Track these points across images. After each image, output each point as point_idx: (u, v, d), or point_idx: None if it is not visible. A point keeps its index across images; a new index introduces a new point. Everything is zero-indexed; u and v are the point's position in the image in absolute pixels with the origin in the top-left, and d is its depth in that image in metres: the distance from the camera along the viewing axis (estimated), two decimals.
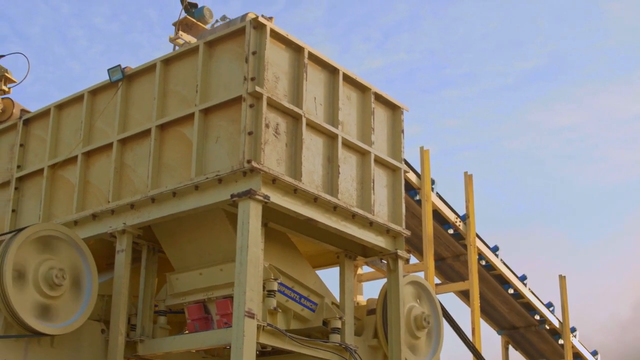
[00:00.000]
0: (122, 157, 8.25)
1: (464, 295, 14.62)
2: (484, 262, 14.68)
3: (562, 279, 16.30)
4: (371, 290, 19.16)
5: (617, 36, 39.06)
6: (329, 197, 7.72)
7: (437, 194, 13.69)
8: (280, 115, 7.50)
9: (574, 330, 16.32)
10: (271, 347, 7.48)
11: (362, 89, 8.50)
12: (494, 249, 14.80)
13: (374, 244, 8.32)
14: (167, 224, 8.01)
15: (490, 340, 16.86)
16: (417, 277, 9.33)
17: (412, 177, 13.26)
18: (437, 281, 14.40)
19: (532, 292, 15.60)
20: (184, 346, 7.82)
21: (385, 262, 8.67)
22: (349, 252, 8.58)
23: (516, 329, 16.39)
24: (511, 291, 15.25)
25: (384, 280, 8.95)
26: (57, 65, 36.29)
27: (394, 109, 8.86)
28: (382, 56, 38.84)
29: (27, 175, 9.16)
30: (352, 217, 8.02)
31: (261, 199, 7.09)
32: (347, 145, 8.14)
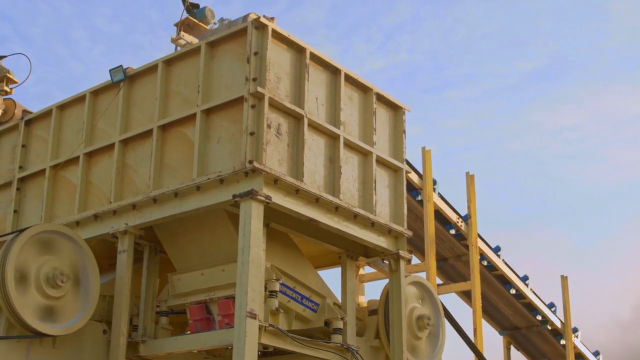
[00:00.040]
0: (124, 158, 8.25)
1: (466, 295, 14.60)
2: (485, 263, 14.64)
3: (563, 279, 16.30)
4: (373, 290, 19.17)
5: (618, 37, 39.09)
6: (330, 197, 7.72)
7: (439, 194, 13.68)
8: (282, 115, 7.49)
9: (576, 330, 16.29)
10: (273, 348, 7.47)
11: (363, 89, 8.49)
12: (496, 249, 14.78)
13: (375, 245, 8.31)
14: (168, 225, 8.01)
15: (492, 340, 16.87)
16: (418, 277, 9.33)
17: (413, 177, 13.26)
18: (438, 281, 14.39)
19: (534, 293, 15.58)
20: (186, 347, 7.81)
21: (386, 262, 8.66)
22: (350, 252, 8.58)
23: (518, 329, 16.36)
24: (513, 291, 15.22)
25: (386, 280, 8.94)
26: (58, 66, 36.34)
27: (395, 109, 8.86)
28: (383, 57, 38.87)
29: (29, 175, 9.16)
30: (354, 217, 8.01)
31: (263, 199, 7.09)
32: (349, 145, 8.14)
